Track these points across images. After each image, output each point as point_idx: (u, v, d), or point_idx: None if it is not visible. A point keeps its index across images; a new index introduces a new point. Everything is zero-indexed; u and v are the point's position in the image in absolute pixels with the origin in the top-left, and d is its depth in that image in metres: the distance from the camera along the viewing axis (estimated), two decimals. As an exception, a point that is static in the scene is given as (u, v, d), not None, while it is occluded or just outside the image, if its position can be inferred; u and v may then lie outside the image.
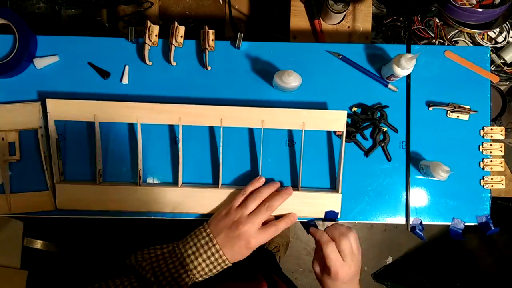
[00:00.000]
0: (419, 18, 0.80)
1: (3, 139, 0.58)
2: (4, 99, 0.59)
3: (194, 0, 1.07)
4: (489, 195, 0.61)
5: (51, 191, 0.58)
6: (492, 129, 0.62)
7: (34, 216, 0.59)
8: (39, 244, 1.09)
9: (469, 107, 0.61)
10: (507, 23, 0.80)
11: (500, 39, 0.82)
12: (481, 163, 0.62)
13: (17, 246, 0.99)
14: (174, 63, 0.61)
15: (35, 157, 0.59)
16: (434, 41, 0.79)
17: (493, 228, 0.60)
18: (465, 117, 0.62)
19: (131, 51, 0.61)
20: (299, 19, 0.77)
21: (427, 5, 0.79)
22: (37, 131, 0.58)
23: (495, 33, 0.83)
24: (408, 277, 1.41)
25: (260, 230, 0.48)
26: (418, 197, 0.61)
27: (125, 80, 0.61)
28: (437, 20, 0.79)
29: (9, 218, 0.97)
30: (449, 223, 0.61)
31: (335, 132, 0.61)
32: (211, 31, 0.60)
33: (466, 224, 0.61)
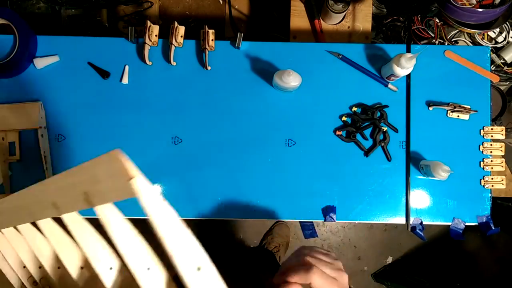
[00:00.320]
0: (419, 18, 0.80)
1: (3, 139, 0.58)
2: (4, 99, 0.59)
3: (194, 0, 1.07)
4: (490, 195, 0.61)
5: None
6: (492, 129, 0.62)
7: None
8: (39, 244, 1.09)
9: (469, 107, 0.61)
10: (507, 23, 0.80)
11: (500, 39, 0.82)
12: (482, 163, 0.62)
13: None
14: (174, 63, 0.61)
15: (35, 157, 0.59)
16: (434, 41, 0.79)
17: (493, 228, 0.60)
18: (465, 117, 0.62)
19: (131, 51, 0.61)
20: (299, 19, 0.77)
21: (427, 5, 0.79)
22: (37, 131, 0.58)
23: (495, 33, 0.83)
24: (408, 277, 1.41)
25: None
26: (418, 197, 0.61)
27: (125, 80, 0.61)
28: (437, 20, 0.79)
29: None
30: (450, 223, 0.61)
31: (334, 132, 0.61)
32: (211, 31, 0.60)
33: (467, 224, 0.61)
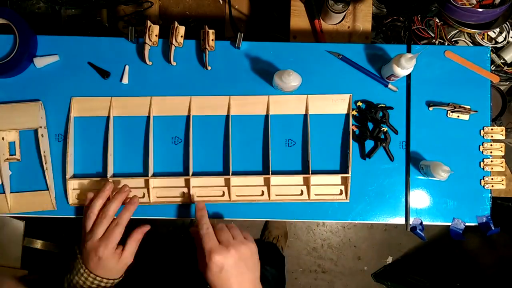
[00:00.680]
0: (419, 18, 0.80)
1: (3, 139, 0.58)
2: (4, 99, 0.59)
3: (194, 0, 1.07)
4: (490, 195, 0.61)
5: (51, 190, 0.58)
6: (492, 129, 0.62)
7: (34, 216, 0.59)
8: (39, 244, 1.09)
9: (469, 107, 0.61)
10: (507, 23, 0.80)
11: (500, 39, 0.82)
12: (482, 163, 0.62)
13: (17, 246, 0.99)
14: (174, 63, 0.61)
15: (35, 157, 0.59)
16: (434, 41, 0.79)
17: (493, 228, 0.60)
18: (465, 117, 0.62)
19: (131, 51, 0.61)
20: (299, 19, 0.77)
21: (427, 5, 0.79)
22: (37, 131, 0.58)
23: (495, 33, 0.83)
24: (408, 277, 1.41)
25: (117, 250, 0.49)
26: (418, 197, 0.61)
27: (125, 80, 0.61)
28: (437, 20, 0.79)
29: (9, 218, 0.97)
30: (450, 223, 0.61)
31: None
32: (211, 31, 0.60)
33: (467, 224, 0.61)
